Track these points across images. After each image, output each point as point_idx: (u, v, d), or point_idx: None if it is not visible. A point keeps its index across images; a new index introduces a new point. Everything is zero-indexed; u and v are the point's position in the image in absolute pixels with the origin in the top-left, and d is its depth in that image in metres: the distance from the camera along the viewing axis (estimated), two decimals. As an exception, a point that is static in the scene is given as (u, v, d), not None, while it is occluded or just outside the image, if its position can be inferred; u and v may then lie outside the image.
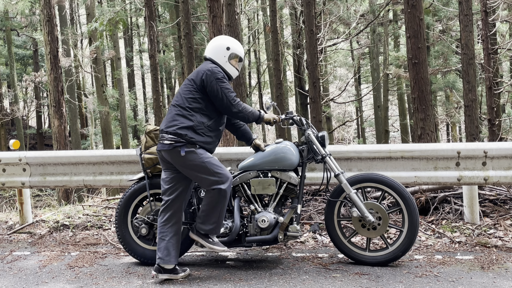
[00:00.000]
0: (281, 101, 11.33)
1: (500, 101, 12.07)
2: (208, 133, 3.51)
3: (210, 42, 3.77)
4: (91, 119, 18.78)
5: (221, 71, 3.54)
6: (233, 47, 3.65)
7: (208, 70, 3.50)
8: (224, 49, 3.62)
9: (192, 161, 3.43)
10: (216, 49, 3.64)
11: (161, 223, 3.51)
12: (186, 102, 3.50)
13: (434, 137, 5.83)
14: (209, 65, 3.56)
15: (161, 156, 3.53)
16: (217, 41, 3.70)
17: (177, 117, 3.48)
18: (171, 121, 3.49)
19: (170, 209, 3.50)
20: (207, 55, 3.67)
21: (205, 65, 3.57)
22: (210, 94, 3.48)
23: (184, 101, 3.50)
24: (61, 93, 8.87)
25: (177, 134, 3.43)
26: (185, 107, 3.48)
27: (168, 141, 3.45)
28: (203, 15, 14.69)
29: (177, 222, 3.53)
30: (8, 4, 15.72)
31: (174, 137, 3.43)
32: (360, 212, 3.57)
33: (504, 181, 4.18)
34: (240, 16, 12.60)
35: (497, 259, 3.68)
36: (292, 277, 3.44)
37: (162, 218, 3.51)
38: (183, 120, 3.45)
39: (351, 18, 13.98)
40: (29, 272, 3.81)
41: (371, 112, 23.25)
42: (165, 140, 3.47)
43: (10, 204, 8.25)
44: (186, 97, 3.51)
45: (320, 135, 3.72)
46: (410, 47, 5.88)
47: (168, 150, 3.45)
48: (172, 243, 3.47)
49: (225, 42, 3.66)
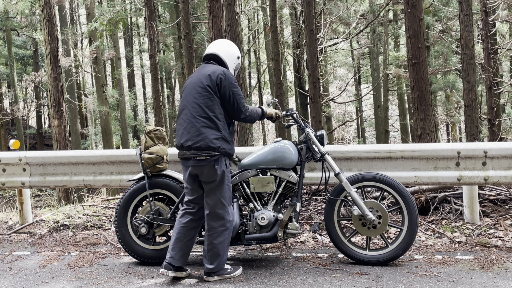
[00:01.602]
0: (281, 101, 11.33)
1: (500, 101, 12.07)
2: (231, 138, 3.50)
3: (221, 43, 3.69)
4: (91, 119, 18.79)
5: (233, 76, 3.54)
6: (240, 58, 3.72)
7: (223, 73, 3.42)
8: (236, 57, 3.67)
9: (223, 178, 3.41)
10: (230, 54, 3.63)
11: (182, 224, 3.49)
12: (209, 111, 3.37)
13: (434, 137, 5.82)
14: (221, 68, 3.48)
15: (191, 171, 3.43)
16: (230, 47, 3.67)
17: (204, 129, 3.34)
18: (198, 135, 3.34)
19: (196, 215, 3.52)
20: (219, 54, 3.59)
21: (216, 68, 3.47)
22: (222, 98, 3.42)
23: (206, 111, 3.37)
24: (61, 93, 8.86)
25: (210, 148, 3.33)
26: (210, 117, 3.36)
27: (203, 156, 3.33)
28: (203, 15, 14.68)
29: (197, 227, 3.55)
30: (8, 4, 15.72)
31: (209, 151, 3.33)
32: (361, 210, 3.58)
33: (504, 181, 4.18)
34: (240, 16, 12.62)
35: (497, 259, 3.68)
36: (292, 277, 3.44)
37: (185, 219, 3.51)
38: (212, 131, 3.35)
39: (351, 18, 13.98)
40: (29, 272, 3.81)
41: (371, 112, 23.25)
42: (197, 157, 3.33)
43: (10, 204, 8.25)
44: (207, 106, 3.38)
45: (319, 134, 3.75)
46: (410, 47, 5.88)
47: (203, 166, 3.35)
48: (188, 246, 3.49)
49: (236, 51, 3.70)
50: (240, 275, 3.50)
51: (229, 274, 3.47)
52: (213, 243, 3.41)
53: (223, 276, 3.44)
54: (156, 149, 3.89)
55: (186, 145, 3.38)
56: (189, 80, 3.57)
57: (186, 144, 3.37)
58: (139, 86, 28.30)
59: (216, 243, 3.41)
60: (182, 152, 3.44)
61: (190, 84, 3.51)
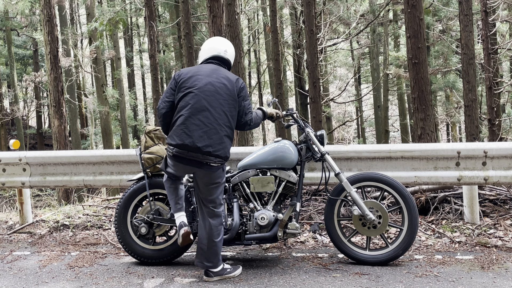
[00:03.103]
0: (281, 101, 11.33)
1: (500, 101, 12.07)
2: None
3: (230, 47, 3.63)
4: (91, 119, 18.79)
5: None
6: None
7: (243, 82, 3.46)
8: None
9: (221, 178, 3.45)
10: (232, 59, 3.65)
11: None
12: (232, 121, 3.39)
13: (434, 137, 5.83)
14: (235, 76, 3.48)
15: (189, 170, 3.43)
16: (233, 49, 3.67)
17: (226, 139, 3.34)
18: (221, 143, 3.31)
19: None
20: (230, 59, 3.58)
21: (232, 75, 3.46)
22: (237, 108, 3.43)
23: (230, 121, 3.37)
24: (61, 93, 8.87)
25: (226, 158, 3.37)
26: (231, 127, 3.39)
27: (217, 164, 3.33)
28: (203, 15, 14.69)
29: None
30: (8, 4, 15.73)
31: (222, 160, 3.35)
32: (361, 210, 3.58)
33: (504, 181, 4.18)
34: (240, 16, 12.61)
35: (497, 259, 3.68)
36: (292, 277, 3.44)
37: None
38: (229, 142, 3.39)
39: (351, 18, 13.99)
40: (29, 272, 3.81)
41: (371, 112, 23.26)
42: (211, 163, 3.30)
43: (10, 204, 8.26)
44: (232, 116, 3.38)
45: (319, 134, 3.76)
46: (410, 47, 5.88)
47: (213, 171, 3.36)
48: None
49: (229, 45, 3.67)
50: (240, 275, 3.51)
51: (229, 274, 3.47)
52: (214, 241, 3.41)
53: (223, 276, 3.44)
54: (156, 149, 3.90)
55: (205, 150, 3.25)
56: (202, 76, 3.39)
57: (205, 150, 3.25)
58: (139, 86, 28.31)
59: (217, 241, 3.41)
60: (192, 154, 3.27)
61: (209, 84, 3.35)
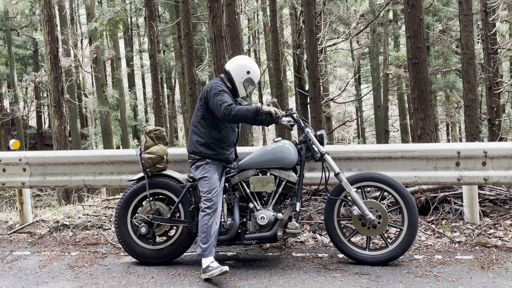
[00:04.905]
0: (281, 101, 11.32)
1: (500, 101, 12.06)
2: (220, 145, 3.70)
3: (235, 57, 3.93)
4: (91, 119, 18.78)
5: (221, 85, 3.70)
6: (253, 73, 3.80)
7: (209, 87, 3.71)
8: (245, 71, 3.76)
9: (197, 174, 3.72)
10: (238, 67, 3.77)
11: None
12: (196, 119, 3.76)
13: (434, 137, 5.82)
14: (213, 81, 3.77)
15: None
16: (242, 60, 3.84)
17: (193, 135, 3.76)
18: (189, 141, 3.79)
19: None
20: (227, 67, 3.83)
21: (211, 82, 3.78)
22: (211, 108, 3.67)
23: (195, 119, 3.77)
24: (61, 93, 8.86)
25: (194, 152, 3.73)
26: (197, 125, 3.75)
27: (190, 159, 3.79)
28: (203, 15, 14.68)
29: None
30: (8, 4, 15.73)
31: (192, 155, 3.74)
32: (361, 210, 3.58)
33: (504, 181, 4.18)
34: (240, 16, 12.61)
35: (497, 259, 3.68)
36: (292, 277, 3.44)
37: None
38: (197, 137, 3.73)
39: (351, 18, 13.98)
40: (29, 272, 3.81)
41: (371, 112, 23.25)
42: (188, 160, 3.81)
43: (10, 204, 8.26)
44: (196, 115, 3.78)
45: (318, 134, 3.75)
46: (410, 47, 5.88)
47: (192, 169, 3.76)
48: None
49: (248, 65, 3.79)
50: (240, 275, 3.50)
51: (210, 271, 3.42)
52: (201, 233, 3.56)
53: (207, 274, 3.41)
54: (156, 149, 3.90)
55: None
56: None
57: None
58: (139, 86, 28.29)
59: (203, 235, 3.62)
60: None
61: None
